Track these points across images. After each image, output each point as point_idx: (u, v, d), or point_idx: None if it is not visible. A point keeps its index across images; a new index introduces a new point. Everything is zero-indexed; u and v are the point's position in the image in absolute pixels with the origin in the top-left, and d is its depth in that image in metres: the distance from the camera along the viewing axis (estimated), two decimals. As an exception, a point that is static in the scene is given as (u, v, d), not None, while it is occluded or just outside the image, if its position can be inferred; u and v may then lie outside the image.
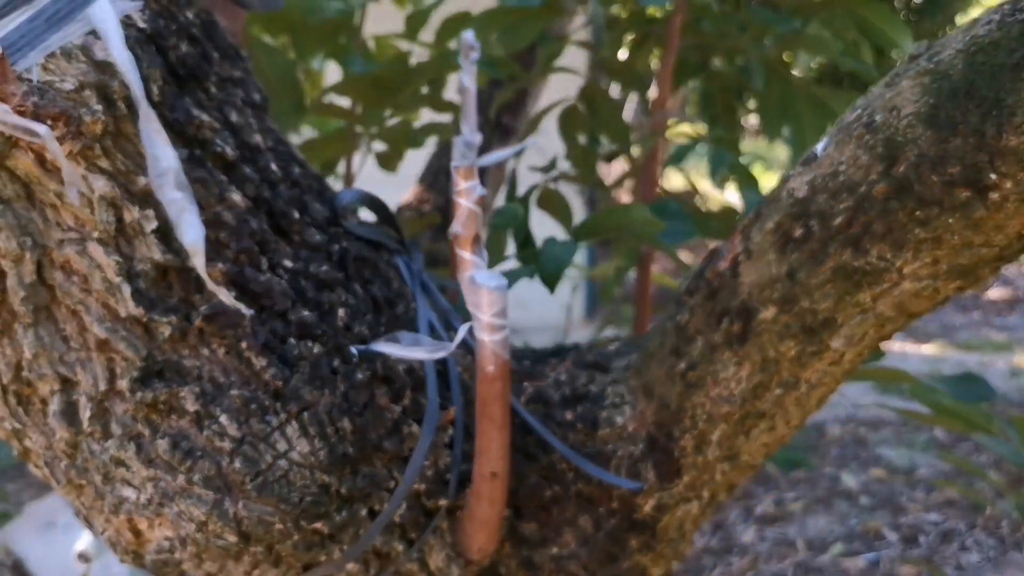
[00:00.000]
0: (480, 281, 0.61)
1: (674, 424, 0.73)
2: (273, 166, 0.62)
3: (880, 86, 0.60)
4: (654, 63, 1.50)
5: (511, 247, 1.10)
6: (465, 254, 0.61)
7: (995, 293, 6.82)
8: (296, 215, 0.62)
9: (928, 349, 5.55)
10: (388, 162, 1.35)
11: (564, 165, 1.34)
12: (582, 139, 1.34)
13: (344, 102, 1.22)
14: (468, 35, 0.90)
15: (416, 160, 1.49)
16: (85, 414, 0.55)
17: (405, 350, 0.60)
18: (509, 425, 0.65)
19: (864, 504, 3.74)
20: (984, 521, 3.96)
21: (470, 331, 0.63)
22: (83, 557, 1.51)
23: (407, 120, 1.19)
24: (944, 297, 0.62)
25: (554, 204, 1.23)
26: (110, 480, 0.56)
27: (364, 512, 0.61)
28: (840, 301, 0.62)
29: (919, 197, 0.56)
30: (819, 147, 0.63)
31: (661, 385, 0.74)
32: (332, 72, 1.44)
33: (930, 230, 0.56)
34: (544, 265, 0.88)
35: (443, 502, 0.66)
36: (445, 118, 1.30)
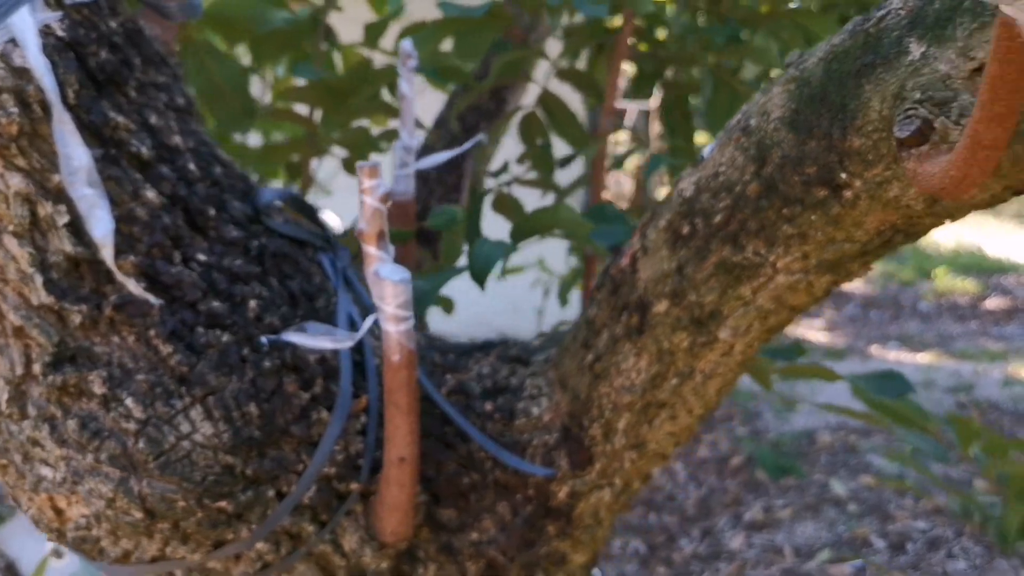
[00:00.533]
0: (384, 275, 0.65)
1: (584, 414, 0.77)
2: (192, 166, 0.66)
3: (760, 92, 0.64)
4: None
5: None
6: (370, 249, 0.65)
7: (993, 303, 6.83)
8: (212, 212, 0.66)
9: (923, 358, 5.56)
10: (353, 167, 1.39)
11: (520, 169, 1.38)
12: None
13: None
14: (406, 44, 0.94)
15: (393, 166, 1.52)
16: (3, 396, 0.58)
17: (312, 340, 0.64)
18: (417, 412, 0.69)
19: (852, 511, 3.75)
20: (972, 529, 3.96)
21: (376, 322, 0.67)
22: (57, 553, 1.55)
23: (365, 126, 1.23)
24: (821, 290, 0.66)
25: (508, 207, 1.27)
26: (29, 459, 0.60)
27: (272, 493, 0.64)
28: (724, 294, 0.65)
29: (784, 196, 0.59)
30: (707, 150, 0.67)
31: (573, 377, 0.77)
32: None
33: (796, 226, 0.60)
34: (473, 263, 0.92)
35: (354, 486, 0.69)
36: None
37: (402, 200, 0.98)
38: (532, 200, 1.28)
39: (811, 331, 6.55)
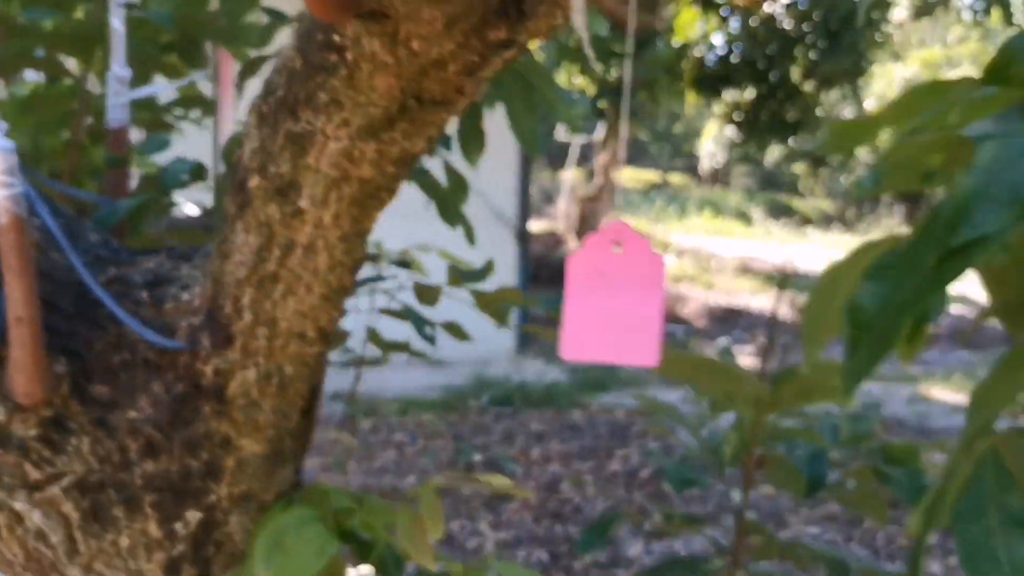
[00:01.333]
0: (-14, 143, 0.73)
1: (219, 294, 0.84)
2: None
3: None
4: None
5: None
6: (-25, 121, 0.73)
7: (917, 329, 7.02)
8: None
9: (843, 379, 5.70)
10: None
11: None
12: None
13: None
14: (115, -19, 1.03)
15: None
16: None
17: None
18: (31, 275, 0.76)
19: (749, 519, 3.83)
20: (860, 534, 4.07)
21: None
22: None
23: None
24: (378, 158, 0.74)
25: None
26: None
27: None
28: (295, 164, 0.74)
29: (311, 63, 0.68)
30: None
31: (213, 262, 0.85)
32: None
33: (328, 92, 0.69)
34: (163, 179, 1.00)
35: (-23, 345, 0.76)
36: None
37: (118, 127, 1.06)
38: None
39: (740, 356, 6.67)
